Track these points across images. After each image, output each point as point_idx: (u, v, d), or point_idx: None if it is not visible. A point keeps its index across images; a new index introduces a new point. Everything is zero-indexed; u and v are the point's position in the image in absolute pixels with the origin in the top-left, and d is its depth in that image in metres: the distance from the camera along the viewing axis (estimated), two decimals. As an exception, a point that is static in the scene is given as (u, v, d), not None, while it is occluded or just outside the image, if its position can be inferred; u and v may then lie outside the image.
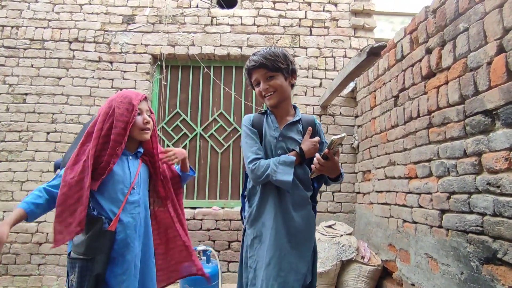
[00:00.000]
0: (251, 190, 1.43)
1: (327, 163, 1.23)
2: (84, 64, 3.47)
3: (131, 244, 1.31)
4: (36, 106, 3.37)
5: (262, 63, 1.35)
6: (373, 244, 2.80)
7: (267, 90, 1.38)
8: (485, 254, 1.52)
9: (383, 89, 2.69)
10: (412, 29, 2.21)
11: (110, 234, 1.26)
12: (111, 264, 1.26)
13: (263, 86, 1.39)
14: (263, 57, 1.36)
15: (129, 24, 3.57)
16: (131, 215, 1.34)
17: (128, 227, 1.31)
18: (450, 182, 1.78)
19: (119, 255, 1.28)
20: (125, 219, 1.31)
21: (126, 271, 1.29)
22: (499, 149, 1.44)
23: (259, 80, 1.40)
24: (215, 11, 3.64)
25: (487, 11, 1.51)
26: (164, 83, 3.58)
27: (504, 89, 1.40)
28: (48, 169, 3.26)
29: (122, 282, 1.27)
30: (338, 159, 1.27)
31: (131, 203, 1.35)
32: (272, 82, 1.38)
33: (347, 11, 3.64)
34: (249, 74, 1.45)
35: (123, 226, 1.30)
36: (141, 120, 1.40)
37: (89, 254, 1.23)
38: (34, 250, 3.14)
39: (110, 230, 1.26)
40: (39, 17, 3.54)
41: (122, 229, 1.30)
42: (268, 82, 1.38)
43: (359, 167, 3.26)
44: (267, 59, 1.35)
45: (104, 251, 1.23)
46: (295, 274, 1.29)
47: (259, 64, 1.36)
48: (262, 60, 1.35)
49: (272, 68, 1.36)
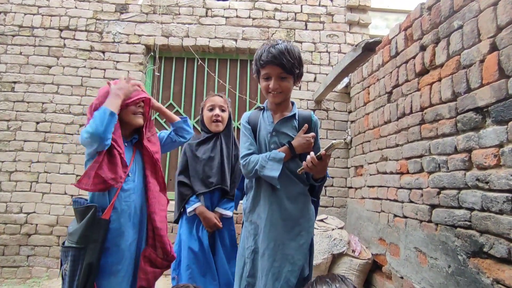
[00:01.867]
0: (248, 184, 1.46)
1: (319, 163, 1.23)
2: (76, 53, 3.40)
3: (125, 233, 1.29)
4: (25, 95, 3.29)
5: (282, 63, 1.31)
6: (364, 238, 2.85)
7: (277, 89, 1.36)
8: (472, 248, 1.56)
9: (377, 85, 2.71)
10: (407, 25, 2.22)
11: (103, 222, 1.24)
12: (105, 253, 1.25)
13: (274, 84, 1.35)
14: (284, 56, 1.31)
15: (122, 13, 3.50)
16: (125, 203, 1.31)
17: (123, 215, 1.29)
18: (441, 178, 1.81)
19: (113, 244, 1.27)
20: (119, 207, 1.29)
21: (121, 261, 1.27)
22: (489, 145, 1.47)
23: (270, 76, 1.36)
24: (210, 2, 3.60)
25: (482, 9, 1.52)
26: (158, 74, 3.54)
27: (496, 87, 1.43)
28: (38, 159, 3.20)
29: (117, 272, 1.26)
30: (328, 162, 1.28)
31: (125, 190, 1.33)
32: (283, 84, 1.36)
33: (343, 7, 3.64)
34: (261, 65, 1.38)
35: (117, 214, 1.28)
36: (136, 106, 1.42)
37: (81, 242, 1.21)
38: (23, 241, 3.09)
39: (104, 218, 1.24)
40: (28, 3, 3.44)
41: (116, 218, 1.28)
42: (279, 82, 1.35)
43: (351, 162, 3.29)
44: (287, 60, 1.31)
45: (98, 240, 1.22)
46: (290, 265, 1.29)
47: (279, 63, 1.32)
48: (283, 60, 1.31)
49: (288, 71, 1.34)
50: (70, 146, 3.24)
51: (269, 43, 1.37)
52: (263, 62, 1.34)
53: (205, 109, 1.88)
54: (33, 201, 3.15)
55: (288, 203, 1.35)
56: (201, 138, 1.87)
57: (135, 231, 1.34)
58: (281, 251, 1.30)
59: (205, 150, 1.82)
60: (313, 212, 1.43)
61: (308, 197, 1.41)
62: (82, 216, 1.23)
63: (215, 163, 1.79)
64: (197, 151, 1.82)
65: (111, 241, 1.26)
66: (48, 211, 3.14)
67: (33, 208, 3.14)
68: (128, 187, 1.35)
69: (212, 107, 1.85)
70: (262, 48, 1.38)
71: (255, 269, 1.34)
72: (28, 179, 3.18)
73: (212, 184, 1.77)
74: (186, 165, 1.81)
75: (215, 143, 1.84)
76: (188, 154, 1.82)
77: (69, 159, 3.23)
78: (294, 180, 1.37)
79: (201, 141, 1.85)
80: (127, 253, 1.29)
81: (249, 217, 1.42)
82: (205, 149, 1.82)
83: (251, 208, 1.41)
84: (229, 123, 1.91)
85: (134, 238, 1.34)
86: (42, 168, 3.20)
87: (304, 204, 1.39)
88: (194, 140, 1.87)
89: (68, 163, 3.23)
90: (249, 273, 1.34)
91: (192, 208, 1.72)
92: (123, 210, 1.30)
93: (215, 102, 1.85)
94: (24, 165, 3.19)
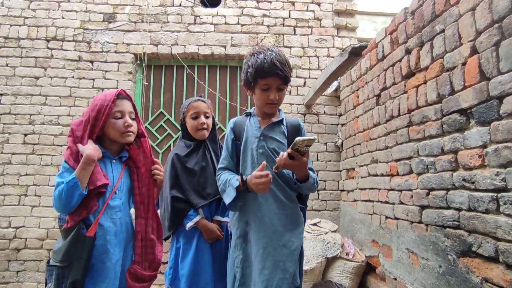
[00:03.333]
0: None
1: (293, 162, 1.23)
2: (63, 63, 3.37)
3: (111, 251, 1.26)
4: (12, 107, 3.25)
5: (285, 75, 1.32)
6: (357, 241, 2.86)
7: (276, 100, 1.37)
8: (461, 248, 1.58)
9: (365, 88, 2.74)
10: (392, 29, 2.26)
11: (88, 239, 1.21)
12: (91, 271, 1.23)
13: (273, 95, 1.35)
14: (286, 68, 1.32)
15: (110, 23, 3.49)
16: (111, 220, 1.29)
17: (108, 232, 1.27)
18: (429, 179, 1.84)
19: (99, 262, 1.24)
20: (105, 224, 1.27)
21: (106, 279, 1.24)
22: (473, 146, 1.49)
23: (271, 87, 1.35)
24: (199, 10, 3.61)
25: (461, 13, 1.56)
26: (146, 83, 3.53)
27: (477, 89, 1.46)
28: (26, 172, 3.15)
29: None
30: (307, 160, 1.27)
31: (111, 207, 1.30)
32: (281, 95, 1.38)
33: (330, 11, 3.69)
34: (263, 75, 1.32)
35: (103, 231, 1.26)
36: (121, 123, 1.35)
37: (65, 261, 1.18)
38: (13, 256, 3.03)
39: (89, 235, 1.22)
40: (14, 14, 3.41)
41: (101, 235, 1.25)
42: (278, 93, 1.36)
43: (343, 165, 3.32)
44: (287, 72, 1.33)
45: (82, 257, 1.19)
46: (282, 272, 1.28)
47: (283, 75, 1.32)
48: (286, 72, 1.32)
49: (286, 82, 1.36)
50: (59, 157, 3.20)
51: (264, 51, 1.33)
52: (266, 72, 1.31)
53: (188, 116, 1.77)
54: (22, 215, 3.09)
55: (277, 209, 1.34)
56: (188, 149, 1.78)
57: (121, 249, 1.32)
58: (271, 257, 1.29)
59: (196, 160, 1.75)
60: (302, 219, 1.42)
61: (297, 203, 1.41)
62: (66, 234, 1.21)
63: (209, 172, 1.75)
64: (188, 162, 1.74)
65: (96, 258, 1.24)
66: (38, 224, 3.08)
67: (22, 222, 3.08)
68: (115, 204, 1.32)
69: (197, 114, 1.75)
70: (261, 56, 1.33)
71: (245, 277, 1.33)
72: (16, 193, 3.12)
73: (210, 196, 1.71)
74: (177, 178, 1.72)
75: (203, 152, 1.78)
76: (178, 166, 1.73)
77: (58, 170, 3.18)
78: (283, 185, 1.37)
79: (189, 152, 1.77)
80: (112, 272, 1.26)
81: (235, 224, 1.41)
82: (196, 160, 1.75)
83: (239, 216, 1.40)
84: (213, 128, 1.84)
85: (120, 256, 1.31)
86: (31, 181, 3.15)
87: (293, 210, 1.38)
88: (179, 151, 1.77)
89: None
90: (239, 282, 1.33)
91: (193, 222, 1.65)
92: (108, 227, 1.28)
93: (199, 109, 1.75)
94: (12, 179, 3.14)
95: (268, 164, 1.34)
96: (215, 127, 1.88)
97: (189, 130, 1.78)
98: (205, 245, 1.68)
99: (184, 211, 1.68)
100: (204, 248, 1.67)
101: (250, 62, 1.36)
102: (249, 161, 1.40)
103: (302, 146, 1.19)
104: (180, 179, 1.71)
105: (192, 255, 1.65)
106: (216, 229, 1.68)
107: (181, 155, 1.74)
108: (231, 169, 1.45)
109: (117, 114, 1.35)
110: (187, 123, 1.78)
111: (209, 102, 1.84)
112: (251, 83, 1.39)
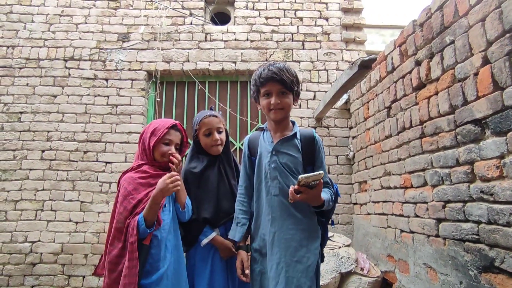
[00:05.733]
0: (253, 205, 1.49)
1: (302, 196, 1.22)
2: (80, 81, 3.50)
3: (163, 257, 1.41)
4: (31, 124, 3.37)
5: (283, 79, 1.35)
6: (372, 255, 2.78)
7: (278, 105, 1.37)
8: (482, 263, 1.52)
9: (375, 100, 2.74)
10: (401, 42, 2.28)
11: (145, 247, 1.37)
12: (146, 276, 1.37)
13: (275, 100, 1.37)
14: (283, 73, 1.35)
15: (124, 42, 3.63)
16: (163, 230, 1.44)
17: (161, 241, 1.42)
18: (445, 191, 1.80)
19: (153, 268, 1.39)
20: (158, 234, 1.42)
21: (160, 282, 1.38)
22: (490, 157, 1.46)
23: (271, 92, 1.38)
24: (209, 27, 3.72)
25: (471, 24, 1.57)
26: (159, 100, 3.61)
27: (491, 99, 1.44)
28: (43, 187, 3.23)
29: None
30: (318, 192, 1.25)
31: (163, 220, 1.44)
32: (284, 100, 1.38)
33: (338, 25, 3.74)
34: (261, 83, 1.39)
35: (157, 240, 1.42)
36: (166, 150, 1.53)
37: None
38: (28, 271, 3.07)
39: (145, 244, 1.37)
40: (35, 36, 3.59)
41: (156, 243, 1.41)
42: (280, 97, 1.38)
43: (355, 178, 3.27)
44: (287, 76, 1.35)
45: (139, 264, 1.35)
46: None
47: (279, 79, 1.35)
48: (283, 76, 1.34)
49: (288, 87, 1.37)
50: (74, 173, 3.27)
51: (265, 65, 1.41)
52: (263, 79, 1.36)
53: (201, 133, 1.73)
54: (38, 229, 3.15)
55: (291, 224, 1.33)
56: (202, 164, 1.74)
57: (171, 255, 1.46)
58: (284, 273, 1.27)
59: (212, 177, 1.72)
60: (319, 234, 1.39)
61: (314, 216, 1.38)
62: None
63: (226, 189, 1.71)
64: (203, 180, 1.71)
65: (151, 264, 1.40)
66: (53, 239, 3.13)
67: (38, 237, 3.13)
68: (165, 217, 1.46)
69: (210, 131, 1.71)
70: (260, 68, 1.41)
71: None
72: (33, 208, 3.19)
73: (228, 213, 1.67)
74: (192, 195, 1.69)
75: (219, 168, 1.75)
76: (192, 183, 1.70)
77: (73, 186, 3.26)
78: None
79: (204, 168, 1.73)
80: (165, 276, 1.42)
81: (252, 238, 1.42)
82: (212, 177, 1.72)
83: (254, 230, 1.41)
84: (227, 140, 1.80)
85: (172, 261, 1.45)
86: (47, 196, 3.22)
87: (309, 225, 1.36)
88: (192, 167, 1.74)
89: (73, 189, 3.25)
90: None
91: (208, 239, 1.63)
92: (161, 236, 1.43)
93: (211, 126, 1.71)
94: (30, 194, 3.22)
95: (280, 179, 1.35)
96: (229, 139, 1.85)
97: (203, 146, 1.75)
98: (221, 261, 1.66)
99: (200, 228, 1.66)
100: (220, 265, 1.66)
101: (253, 77, 1.44)
102: (263, 176, 1.41)
103: (308, 182, 1.18)
104: (193, 196, 1.69)
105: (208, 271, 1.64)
106: (231, 246, 1.65)
107: (195, 172, 1.72)
108: (249, 187, 1.51)
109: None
110: (201, 140, 1.75)
111: (220, 114, 1.82)
112: (255, 95, 1.46)
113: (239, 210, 1.49)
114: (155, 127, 1.55)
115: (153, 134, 1.53)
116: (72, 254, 3.10)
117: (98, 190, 3.25)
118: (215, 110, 1.82)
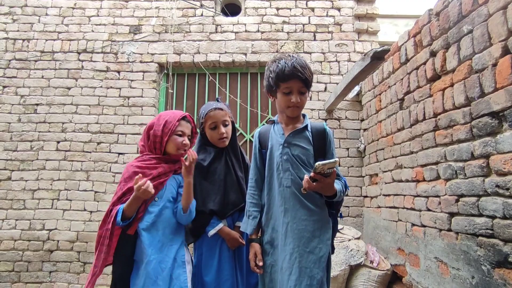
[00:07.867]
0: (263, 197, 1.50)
1: (317, 185, 1.23)
2: (93, 74, 3.55)
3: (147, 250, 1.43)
4: (47, 116, 3.45)
5: (306, 78, 1.34)
6: (382, 248, 2.77)
7: (298, 103, 1.37)
8: (496, 258, 1.49)
9: (388, 92, 2.69)
10: (416, 32, 2.22)
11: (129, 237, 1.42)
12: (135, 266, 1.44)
13: (296, 98, 1.36)
14: (306, 71, 1.34)
15: (135, 34, 3.65)
16: (146, 223, 1.45)
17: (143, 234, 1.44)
18: (458, 185, 1.76)
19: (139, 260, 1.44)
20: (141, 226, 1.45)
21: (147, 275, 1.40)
22: (507, 151, 1.42)
23: (293, 90, 1.36)
24: (220, 19, 3.70)
25: (491, 13, 1.51)
26: (171, 91, 3.64)
27: (510, 90, 1.40)
28: (59, 177, 3.32)
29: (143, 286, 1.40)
30: (332, 181, 1.25)
31: (150, 212, 1.46)
32: (303, 98, 1.39)
33: (351, 16, 3.66)
34: (283, 79, 1.35)
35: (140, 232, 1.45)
36: (180, 141, 1.57)
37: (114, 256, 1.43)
38: (46, 257, 3.19)
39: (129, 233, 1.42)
40: (49, 29, 3.64)
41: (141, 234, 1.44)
42: (300, 96, 1.38)
43: (366, 170, 3.25)
44: (308, 75, 1.35)
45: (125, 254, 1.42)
46: (308, 279, 1.27)
47: (304, 78, 1.34)
48: (308, 76, 1.35)
49: (308, 85, 1.38)
50: (88, 163, 3.35)
51: (285, 57, 1.36)
52: (286, 75, 1.33)
53: (206, 127, 1.71)
54: (55, 218, 3.25)
55: (304, 215, 1.33)
56: (210, 157, 1.74)
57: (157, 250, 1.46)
58: (298, 264, 1.28)
59: (219, 170, 1.72)
60: (330, 225, 1.40)
61: (325, 208, 1.39)
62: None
63: (232, 181, 1.71)
64: (210, 172, 1.71)
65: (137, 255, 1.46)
66: (69, 227, 3.24)
67: (54, 225, 3.24)
68: (152, 209, 1.47)
69: (215, 124, 1.69)
70: (281, 61, 1.35)
71: (274, 282, 1.35)
72: (49, 197, 3.30)
73: (235, 205, 1.68)
74: (199, 188, 1.69)
75: (225, 160, 1.74)
76: (198, 176, 1.68)
77: (87, 176, 3.34)
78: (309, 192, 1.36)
79: (211, 160, 1.73)
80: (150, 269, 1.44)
81: (263, 230, 1.43)
82: (219, 169, 1.72)
83: (265, 221, 1.42)
84: (233, 133, 1.79)
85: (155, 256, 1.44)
86: (63, 185, 3.32)
87: (321, 216, 1.36)
88: (201, 159, 1.72)
89: (87, 180, 3.33)
90: (268, 287, 1.36)
91: (215, 230, 1.64)
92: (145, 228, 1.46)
93: (217, 119, 1.69)
94: (46, 183, 3.32)
95: (292, 171, 1.35)
96: (235, 131, 1.83)
97: (209, 139, 1.75)
98: (228, 252, 1.69)
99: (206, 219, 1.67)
100: (227, 255, 1.68)
101: (272, 68, 1.39)
102: (274, 168, 1.42)
103: (324, 169, 1.18)
104: (199, 188, 1.69)
105: (215, 262, 1.66)
106: (238, 237, 1.67)
107: (202, 165, 1.72)
108: (259, 180, 1.51)
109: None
110: (207, 133, 1.74)
111: (226, 106, 1.78)
112: (273, 88, 1.41)
113: (250, 203, 1.49)
114: (166, 120, 1.55)
115: (165, 126, 1.53)
116: (87, 242, 3.20)
117: (111, 180, 3.33)
118: (221, 102, 1.79)
